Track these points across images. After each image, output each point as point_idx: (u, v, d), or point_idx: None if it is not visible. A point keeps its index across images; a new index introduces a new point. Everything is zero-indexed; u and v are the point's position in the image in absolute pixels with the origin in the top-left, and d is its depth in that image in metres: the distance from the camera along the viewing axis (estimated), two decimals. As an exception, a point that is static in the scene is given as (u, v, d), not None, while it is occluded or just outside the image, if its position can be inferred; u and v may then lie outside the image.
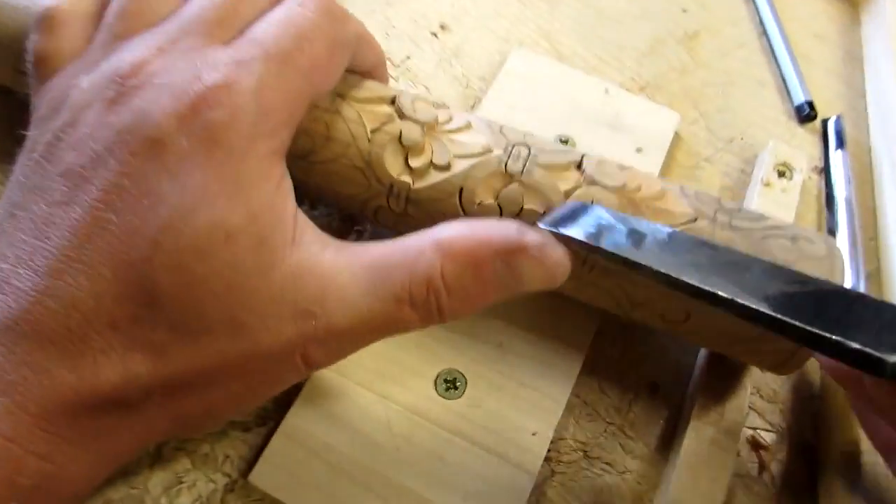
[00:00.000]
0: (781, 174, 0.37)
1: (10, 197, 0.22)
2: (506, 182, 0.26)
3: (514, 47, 0.40)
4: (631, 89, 0.40)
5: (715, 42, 0.44)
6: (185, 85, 0.21)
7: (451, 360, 0.29)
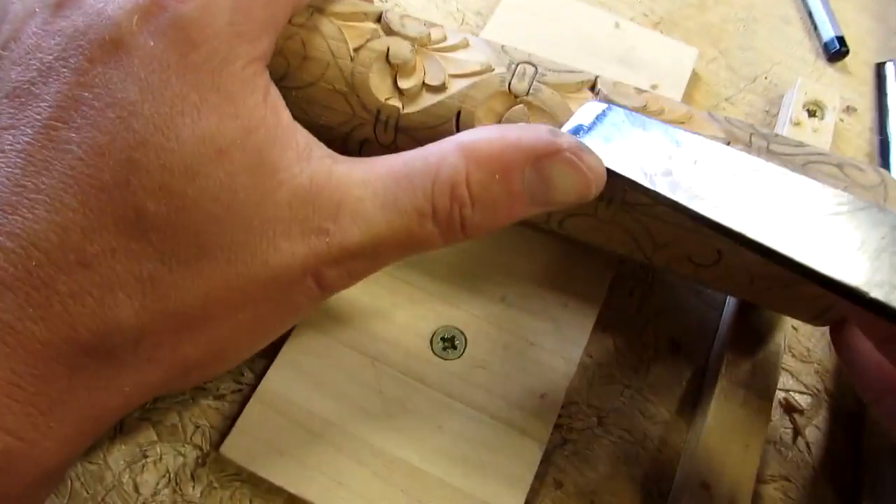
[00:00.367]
0: (812, 113, 0.33)
1: None
2: (510, 103, 0.23)
3: (514, -20, 0.36)
4: (643, 25, 0.37)
5: (733, -22, 0.40)
6: None
7: (449, 317, 0.26)
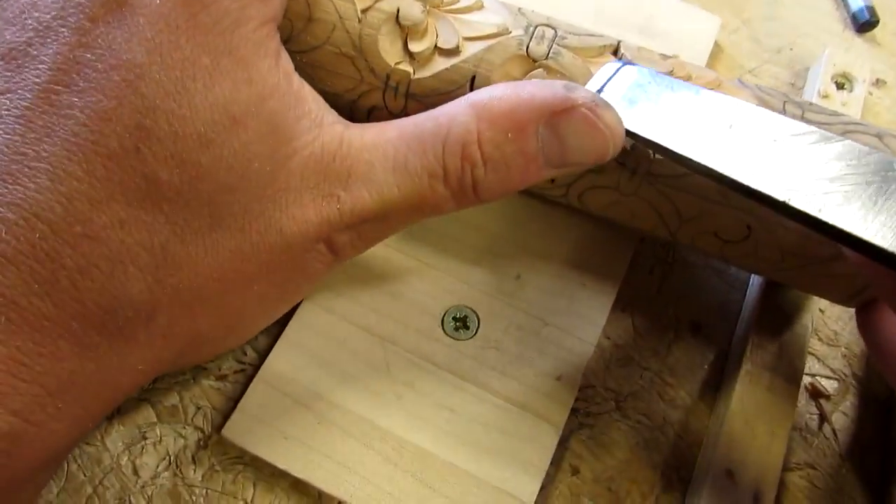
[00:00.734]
0: (840, 86, 0.31)
1: None
2: (528, 68, 0.21)
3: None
4: (664, -6, 0.35)
5: (756, -54, 0.39)
6: None
7: (461, 295, 0.24)
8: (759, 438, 0.23)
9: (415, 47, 0.22)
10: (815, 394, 0.26)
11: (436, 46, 0.22)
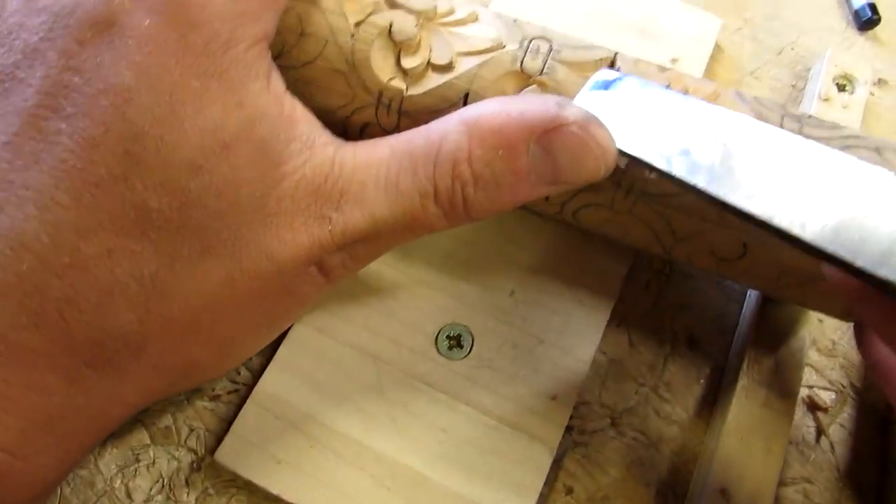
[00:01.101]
0: (842, 88, 0.31)
1: None
2: (522, 84, 0.21)
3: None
4: (663, -8, 0.34)
5: (758, -61, 0.38)
6: None
7: (454, 313, 0.24)
8: (754, 456, 0.23)
9: (408, 63, 0.21)
10: (813, 406, 0.26)
11: (429, 62, 0.21)
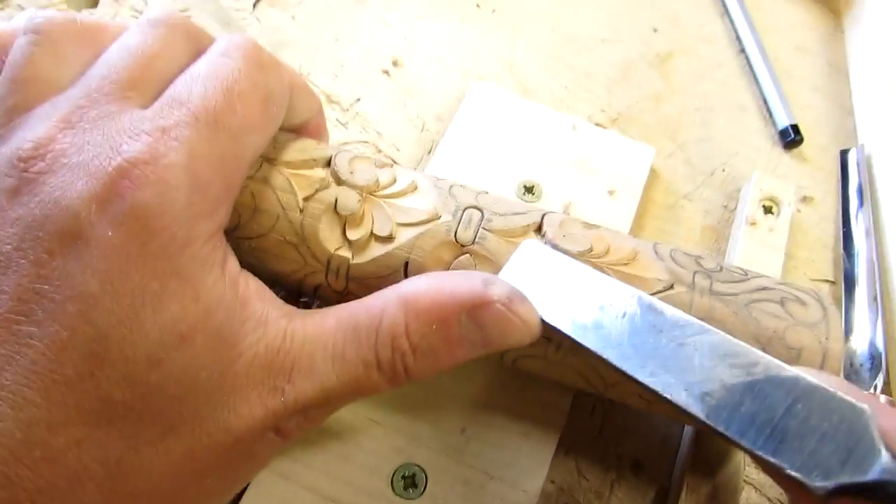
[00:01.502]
0: (768, 210, 0.34)
1: None
2: (456, 253, 0.23)
3: (472, 82, 0.37)
4: (602, 122, 0.37)
5: (690, 63, 0.41)
6: (101, 161, 0.18)
7: (409, 453, 0.26)
8: (696, 583, 0.24)
9: (352, 235, 0.23)
10: (755, 523, 0.27)
11: (372, 233, 0.23)
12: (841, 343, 0.22)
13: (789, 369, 0.17)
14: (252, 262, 0.25)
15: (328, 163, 0.25)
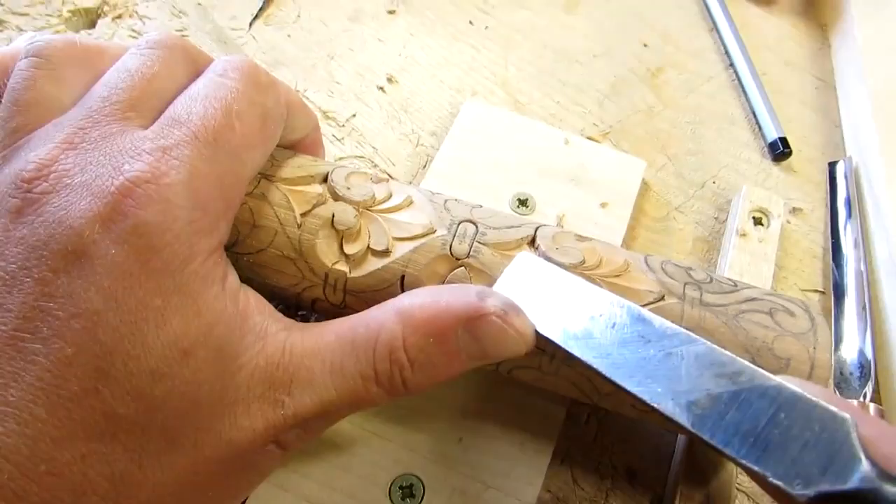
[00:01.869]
0: (758, 221, 0.34)
1: None
2: (451, 266, 0.24)
3: (466, 98, 0.38)
4: (594, 136, 0.38)
5: (681, 77, 0.42)
6: (104, 181, 0.19)
7: (407, 463, 0.26)
8: (691, 590, 0.25)
9: (349, 249, 0.24)
10: (749, 531, 0.28)
11: (368, 247, 0.24)
12: (829, 352, 0.23)
13: (773, 378, 0.17)
14: (251, 277, 0.25)
15: (325, 179, 0.25)
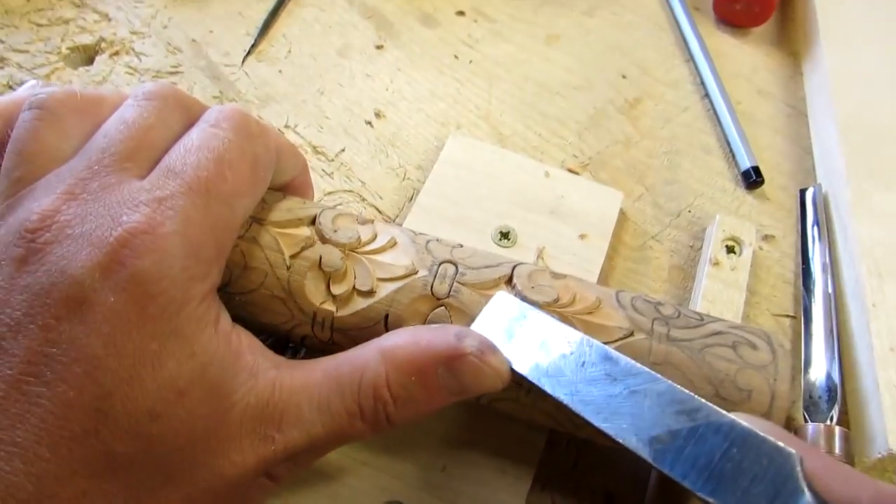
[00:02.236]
0: (730, 250, 0.36)
1: None
2: (433, 305, 0.25)
3: (451, 131, 0.39)
4: (574, 168, 0.40)
5: (657, 108, 0.44)
6: (103, 231, 0.20)
7: (393, 491, 0.27)
8: None
9: (336, 290, 0.25)
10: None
11: (354, 288, 0.25)
12: (788, 384, 0.24)
13: (726, 416, 0.19)
14: (243, 315, 0.26)
15: (313, 221, 0.27)
